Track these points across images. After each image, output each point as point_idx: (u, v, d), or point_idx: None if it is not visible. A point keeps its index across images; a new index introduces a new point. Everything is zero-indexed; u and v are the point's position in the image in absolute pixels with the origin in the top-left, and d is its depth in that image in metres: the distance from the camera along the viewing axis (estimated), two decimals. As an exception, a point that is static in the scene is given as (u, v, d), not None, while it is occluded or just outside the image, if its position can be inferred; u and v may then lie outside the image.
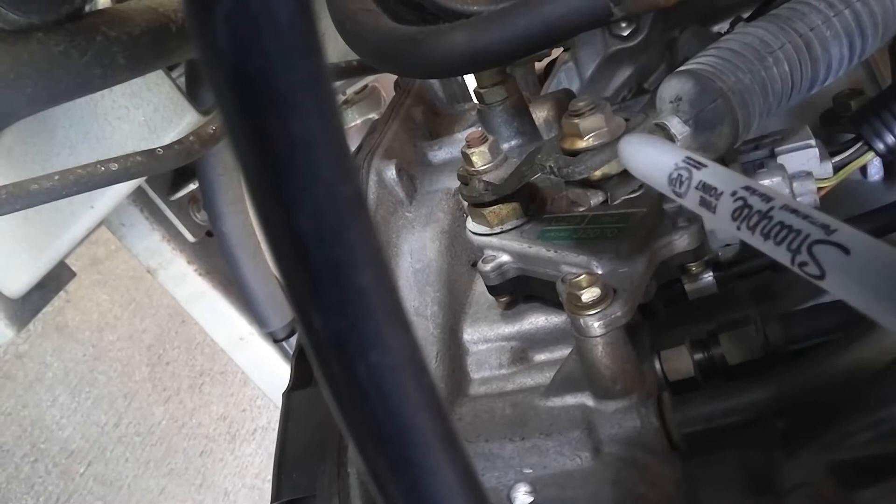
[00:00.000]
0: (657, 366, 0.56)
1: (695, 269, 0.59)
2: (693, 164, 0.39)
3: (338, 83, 1.32)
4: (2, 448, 1.45)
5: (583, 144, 0.52)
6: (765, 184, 0.59)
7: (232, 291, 1.46)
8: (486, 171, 0.63)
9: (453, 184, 0.75)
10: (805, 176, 0.61)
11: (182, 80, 0.98)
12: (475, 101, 0.77)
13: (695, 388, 0.55)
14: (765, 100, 0.49)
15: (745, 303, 0.63)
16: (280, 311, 1.47)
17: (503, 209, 0.64)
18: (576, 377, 0.55)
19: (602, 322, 0.50)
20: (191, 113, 0.91)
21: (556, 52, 1.10)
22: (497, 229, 0.64)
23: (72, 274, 1.04)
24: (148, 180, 1.24)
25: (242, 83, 0.16)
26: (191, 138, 0.83)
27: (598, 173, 0.53)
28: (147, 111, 0.89)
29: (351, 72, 1.12)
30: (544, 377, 0.61)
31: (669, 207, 0.60)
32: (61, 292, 1.04)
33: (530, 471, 0.54)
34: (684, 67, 0.51)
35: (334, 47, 0.84)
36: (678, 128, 0.50)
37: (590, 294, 0.51)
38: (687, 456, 0.52)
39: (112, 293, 1.76)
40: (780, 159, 0.63)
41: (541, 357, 0.65)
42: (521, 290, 0.64)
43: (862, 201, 0.68)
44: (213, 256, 1.42)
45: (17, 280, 0.92)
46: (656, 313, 0.59)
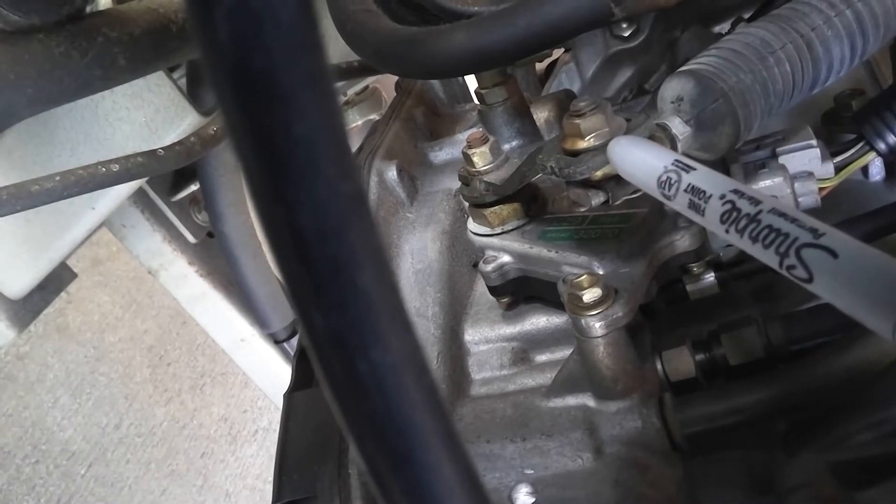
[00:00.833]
0: (658, 366, 0.56)
1: (696, 269, 0.59)
2: (682, 166, 0.39)
3: (339, 84, 1.32)
4: (3, 449, 1.45)
5: (584, 145, 0.52)
6: (766, 184, 0.59)
7: (233, 292, 1.46)
8: (487, 172, 0.63)
9: (454, 184, 0.75)
10: (806, 176, 0.61)
11: (183, 82, 0.98)
12: (476, 101, 0.77)
13: (696, 389, 0.55)
14: (766, 100, 0.49)
15: (746, 303, 0.63)
16: (281, 313, 1.46)
17: (504, 210, 0.64)
18: (577, 378, 0.55)
19: (603, 322, 0.50)
20: (192, 114, 0.91)
21: (556, 53, 1.10)
22: (498, 230, 0.64)
23: (73, 275, 1.04)
24: (149, 181, 1.24)
25: (244, 81, 0.16)
26: (192, 139, 0.83)
27: (600, 174, 0.53)
28: (148, 112, 0.89)
29: (352, 73, 1.12)
30: (545, 378, 0.61)
31: (670, 208, 0.60)
32: (62, 293, 1.04)
33: (531, 471, 0.54)
34: (685, 67, 0.51)
35: (335, 48, 0.84)
36: (679, 128, 0.50)
37: (591, 294, 0.51)
38: (688, 456, 0.52)
39: (113, 294, 1.76)
40: (782, 159, 0.63)
41: (542, 358, 0.64)
42: (522, 290, 0.64)
43: (863, 201, 0.67)
44: (215, 257, 1.42)
45: (18, 281, 0.92)
46: (657, 314, 0.59)
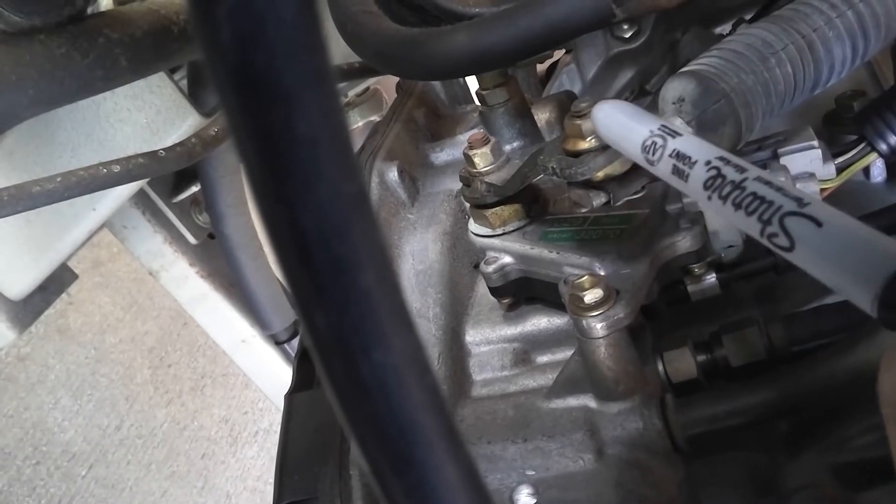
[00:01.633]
0: (660, 367, 0.56)
1: (697, 270, 0.59)
2: (668, 132, 0.39)
3: (340, 85, 1.32)
4: (3, 451, 1.45)
5: (585, 145, 0.52)
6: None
7: (234, 294, 1.46)
8: (488, 173, 0.63)
9: (455, 185, 0.75)
10: (808, 177, 0.61)
11: (184, 83, 0.98)
12: (477, 102, 0.77)
13: (698, 390, 0.55)
14: (767, 101, 0.49)
15: (748, 304, 0.63)
16: (282, 314, 1.46)
17: (505, 210, 0.64)
18: (578, 379, 0.55)
19: (605, 323, 0.50)
20: (193, 115, 0.91)
21: (557, 54, 1.10)
22: (499, 231, 0.64)
23: (74, 276, 1.04)
24: (150, 182, 1.24)
25: (246, 80, 0.16)
26: (193, 140, 0.83)
27: (601, 174, 0.52)
28: (149, 113, 0.89)
29: (353, 74, 1.12)
30: (547, 379, 0.61)
31: (672, 209, 0.60)
32: (63, 294, 1.04)
33: (533, 473, 0.54)
34: (687, 68, 0.51)
35: (336, 49, 0.84)
36: (681, 129, 0.50)
37: (592, 295, 0.51)
38: (690, 458, 0.52)
39: (114, 295, 1.76)
40: (783, 160, 0.63)
41: (543, 359, 0.64)
42: (524, 291, 0.64)
43: (865, 202, 0.67)
44: (215, 259, 1.42)
45: (19, 282, 0.92)
46: (659, 315, 0.59)
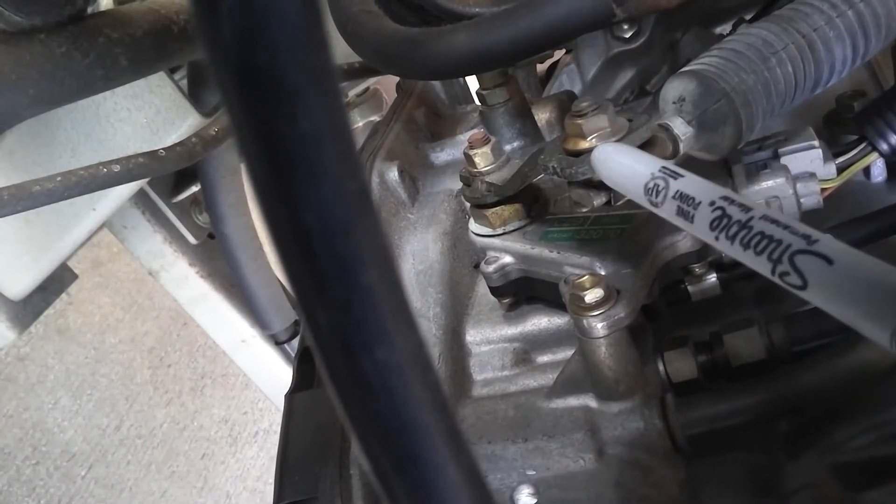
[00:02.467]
0: (660, 367, 0.56)
1: (698, 270, 0.59)
2: (670, 173, 0.39)
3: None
4: (3, 451, 1.45)
5: (586, 145, 0.52)
6: (768, 185, 0.59)
7: (234, 294, 1.46)
8: (488, 173, 0.63)
9: (455, 185, 0.75)
10: (809, 177, 0.61)
11: (184, 83, 0.98)
12: (477, 102, 0.77)
13: (698, 390, 0.55)
14: (768, 100, 0.49)
15: (748, 304, 0.63)
16: (282, 314, 1.46)
17: (506, 210, 0.64)
18: (579, 378, 0.55)
19: (605, 323, 0.50)
20: (193, 115, 0.91)
21: (557, 54, 1.10)
22: (499, 230, 0.64)
23: (74, 276, 1.04)
24: (150, 182, 1.24)
25: (248, 78, 0.16)
26: (193, 140, 0.83)
27: (601, 174, 0.52)
28: (149, 113, 0.89)
29: (353, 74, 1.12)
30: (547, 379, 0.61)
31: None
32: (63, 295, 1.04)
33: (533, 472, 0.54)
34: (687, 68, 0.51)
35: (336, 49, 0.84)
36: (681, 128, 0.50)
37: (593, 295, 0.51)
38: (690, 458, 0.52)
39: (114, 295, 1.76)
40: (784, 160, 0.63)
41: (543, 358, 0.64)
42: (524, 291, 0.64)
43: (865, 202, 0.67)
44: (215, 259, 1.41)
45: (19, 282, 0.92)
46: (659, 315, 0.59)
